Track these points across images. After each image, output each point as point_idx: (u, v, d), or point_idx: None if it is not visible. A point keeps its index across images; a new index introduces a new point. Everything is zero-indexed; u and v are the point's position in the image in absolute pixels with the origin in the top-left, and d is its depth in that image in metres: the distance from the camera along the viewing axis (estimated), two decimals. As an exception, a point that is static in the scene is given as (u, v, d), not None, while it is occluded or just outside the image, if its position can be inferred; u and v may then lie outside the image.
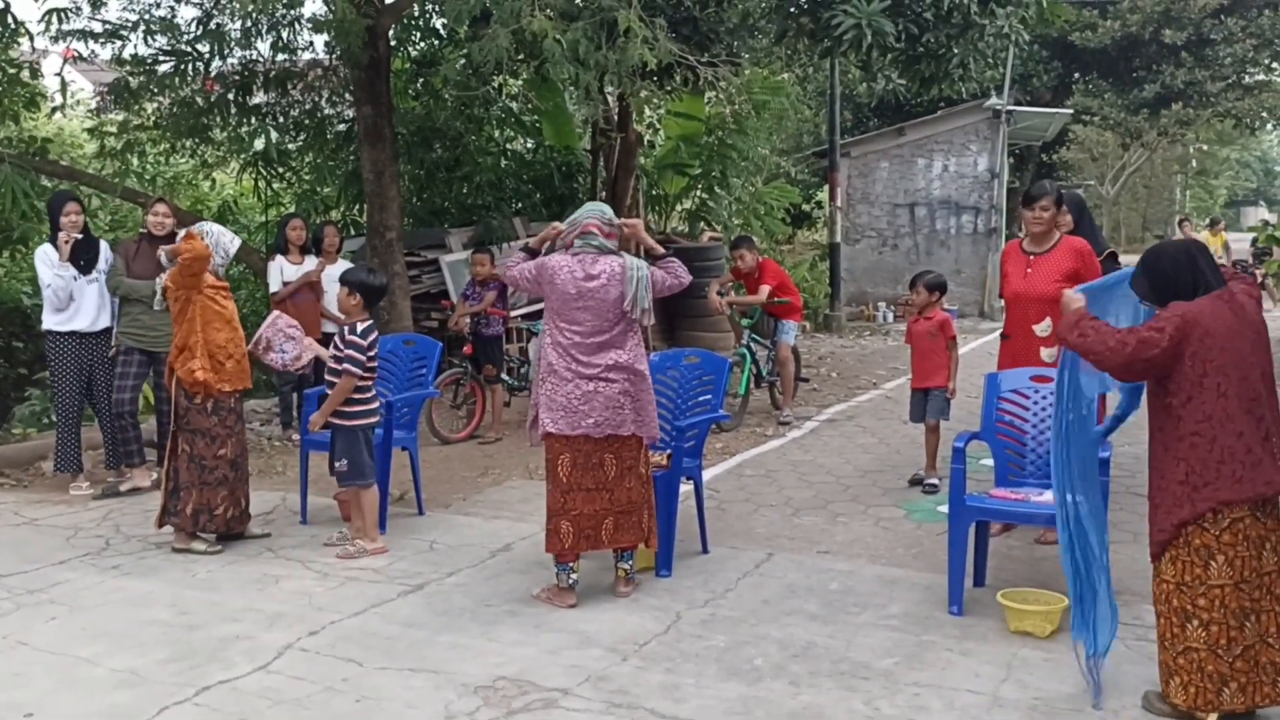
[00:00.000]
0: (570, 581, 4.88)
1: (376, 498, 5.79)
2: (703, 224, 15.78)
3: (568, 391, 4.80)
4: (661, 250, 5.11)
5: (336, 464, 5.67)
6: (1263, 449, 3.51)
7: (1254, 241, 17.36)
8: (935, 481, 6.81)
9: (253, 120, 11.06)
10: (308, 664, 4.27)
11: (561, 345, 4.83)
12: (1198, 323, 3.52)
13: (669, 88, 11.09)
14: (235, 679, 4.13)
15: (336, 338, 5.76)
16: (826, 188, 17.67)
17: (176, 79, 10.00)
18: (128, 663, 4.28)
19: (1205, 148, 40.46)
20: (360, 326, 5.64)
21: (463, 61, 10.56)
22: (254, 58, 10.53)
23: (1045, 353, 5.61)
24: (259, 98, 11.00)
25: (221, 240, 5.90)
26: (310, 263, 8.46)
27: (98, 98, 11.97)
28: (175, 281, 5.72)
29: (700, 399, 5.82)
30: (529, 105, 13.38)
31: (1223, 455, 3.50)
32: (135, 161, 11.39)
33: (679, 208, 16.02)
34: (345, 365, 5.57)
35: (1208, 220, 20.48)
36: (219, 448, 5.78)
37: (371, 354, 5.65)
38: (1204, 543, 3.53)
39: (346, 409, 5.63)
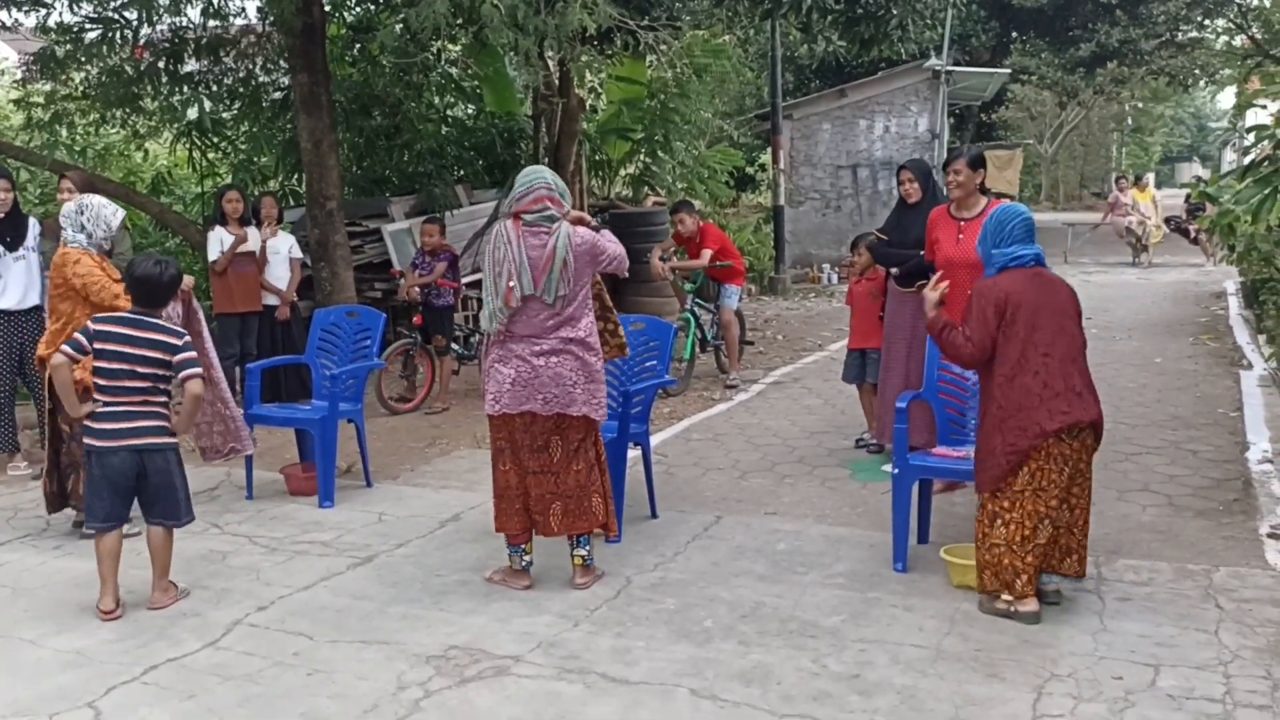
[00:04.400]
0: (524, 564, 4.72)
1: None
2: (646, 189, 15.76)
3: (516, 367, 4.56)
4: (595, 224, 4.85)
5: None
6: (1063, 384, 4.16)
7: (1187, 198, 17.68)
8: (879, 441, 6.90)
9: (185, 89, 10.83)
10: (257, 639, 4.25)
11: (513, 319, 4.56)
12: (1008, 295, 4.23)
13: (610, 52, 11.03)
14: (183, 656, 4.10)
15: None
16: (769, 150, 17.71)
17: (104, 47, 9.75)
18: (73, 644, 4.23)
19: (1140, 105, 41.08)
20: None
21: (400, 27, 10.40)
22: (184, 24, 10.29)
23: None
24: (191, 65, 10.77)
25: (103, 213, 5.34)
26: (251, 234, 8.34)
27: (23, 67, 11.66)
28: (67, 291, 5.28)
29: (646, 365, 5.85)
30: (469, 71, 13.22)
31: (1023, 392, 4.17)
32: (64, 133, 11.14)
33: (622, 172, 15.98)
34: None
35: (1132, 177, 20.78)
36: None
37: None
38: None
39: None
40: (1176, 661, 3.83)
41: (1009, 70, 24.13)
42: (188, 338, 4.64)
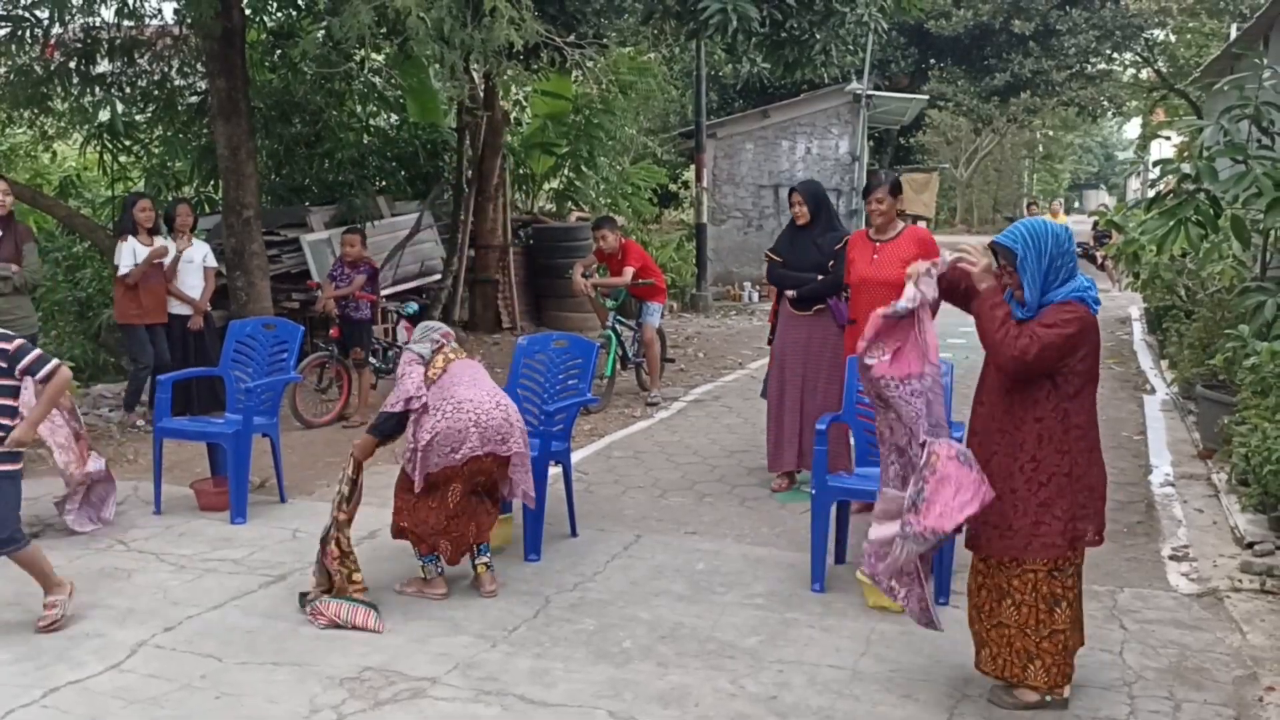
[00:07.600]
0: (439, 571, 4.80)
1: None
2: (570, 204, 15.75)
3: (485, 411, 4.72)
4: None
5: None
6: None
7: (1095, 225, 18.21)
8: (798, 460, 6.95)
9: (96, 90, 10.53)
10: (163, 661, 4.13)
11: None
12: (1092, 321, 3.50)
13: (536, 67, 11.01)
14: (85, 679, 3.97)
15: None
16: (693, 168, 17.83)
17: (13, 45, 9.45)
18: (-33, 666, 4.08)
19: (1051, 133, 42.31)
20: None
21: (322, 34, 10.25)
22: (97, 24, 10.01)
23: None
24: (103, 66, 10.46)
25: None
26: (169, 246, 8.13)
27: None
28: None
29: (568, 383, 5.83)
30: (392, 81, 13.09)
31: (1094, 446, 3.61)
32: (-33, 132, 10.76)
33: (546, 187, 15.95)
34: None
35: (1043, 202, 21.47)
36: None
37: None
38: None
39: None
40: (1083, 682, 3.92)
41: (927, 96, 24.69)
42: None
